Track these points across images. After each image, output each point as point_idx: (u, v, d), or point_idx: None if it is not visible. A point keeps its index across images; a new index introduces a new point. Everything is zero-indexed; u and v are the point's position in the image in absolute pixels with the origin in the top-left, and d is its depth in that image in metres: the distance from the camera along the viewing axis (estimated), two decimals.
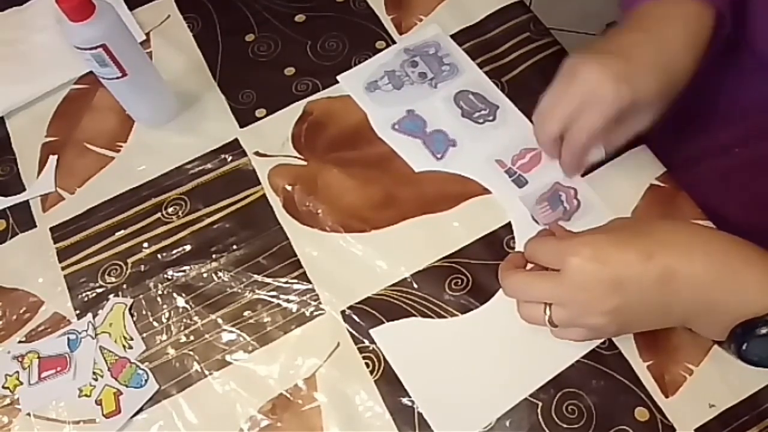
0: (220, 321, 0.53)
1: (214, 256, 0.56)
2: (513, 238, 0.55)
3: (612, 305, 0.42)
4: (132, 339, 0.53)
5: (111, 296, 0.55)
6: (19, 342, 0.54)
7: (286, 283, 0.54)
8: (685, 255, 0.41)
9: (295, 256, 0.55)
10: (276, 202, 0.58)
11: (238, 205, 0.58)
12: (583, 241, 0.43)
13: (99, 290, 0.55)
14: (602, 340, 0.50)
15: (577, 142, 0.51)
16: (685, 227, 0.44)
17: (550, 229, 0.52)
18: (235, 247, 0.56)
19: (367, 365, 0.51)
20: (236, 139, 0.62)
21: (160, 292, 0.55)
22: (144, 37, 0.68)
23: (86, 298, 0.55)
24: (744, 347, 0.40)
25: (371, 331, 0.51)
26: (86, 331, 0.53)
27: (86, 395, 0.51)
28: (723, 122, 0.60)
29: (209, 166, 0.61)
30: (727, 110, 0.60)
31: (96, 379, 0.51)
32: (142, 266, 0.56)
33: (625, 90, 0.47)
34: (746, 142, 0.58)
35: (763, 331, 0.39)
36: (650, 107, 0.50)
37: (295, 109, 0.63)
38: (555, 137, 0.52)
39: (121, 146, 0.63)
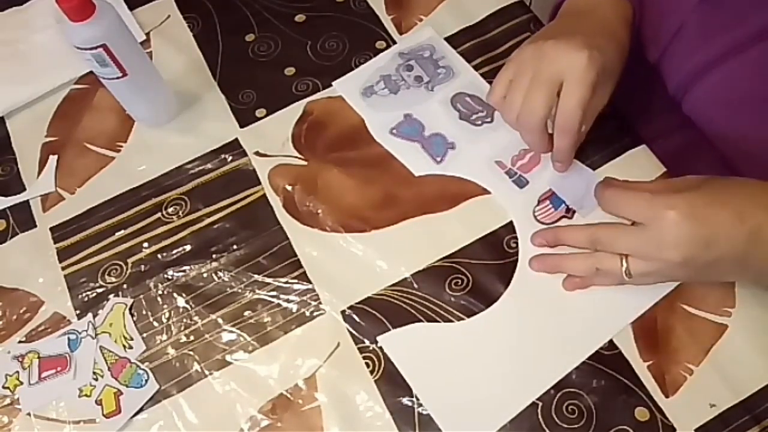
0: (220, 321, 0.53)
1: (214, 256, 0.56)
2: (513, 238, 0.55)
3: (699, 263, 0.42)
4: (132, 339, 0.53)
5: (111, 296, 0.55)
6: (19, 342, 0.54)
7: (286, 283, 0.54)
8: None
9: (295, 256, 0.55)
10: (276, 202, 0.58)
11: (238, 205, 0.58)
12: (676, 198, 0.43)
13: (99, 290, 0.55)
14: (605, 342, 0.50)
15: (571, 119, 0.49)
16: (763, 186, 0.45)
17: (608, 183, 0.49)
18: (235, 247, 0.56)
19: (368, 365, 0.51)
20: (236, 139, 0.62)
21: (160, 292, 0.55)
22: (144, 37, 0.68)
23: (86, 298, 0.55)
24: None
25: (378, 338, 0.51)
26: (86, 331, 0.53)
27: (86, 395, 0.51)
28: (641, 119, 0.61)
29: (209, 166, 0.61)
30: (641, 108, 0.62)
31: (96, 379, 0.51)
32: (142, 266, 0.56)
33: (596, 54, 0.48)
34: (665, 136, 0.59)
35: None
36: (612, 75, 0.51)
37: (295, 109, 0.63)
38: (545, 123, 0.51)
39: (121, 146, 0.63)
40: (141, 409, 0.50)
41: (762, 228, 0.42)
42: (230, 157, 0.61)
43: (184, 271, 0.56)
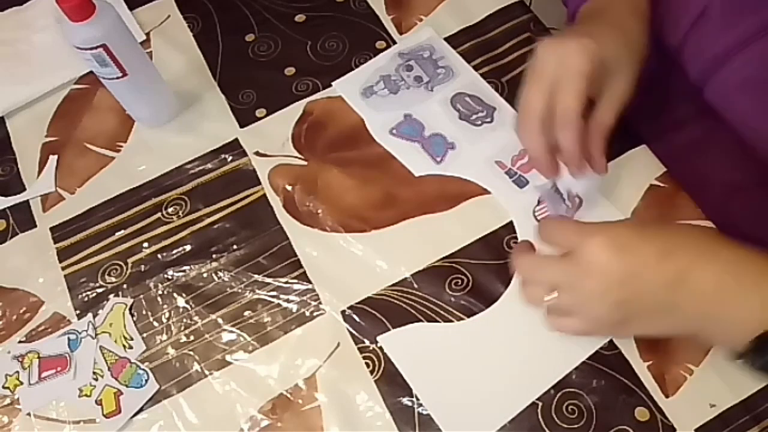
0: (220, 321, 0.53)
1: (214, 256, 0.56)
2: (513, 238, 0.55)
3: (619, 297, 0.41)
4: (132, 339, 0.53)
5: (111, 296, 0.55)
6: (20, 342, 0.54)
7: (286, 283, 0.54)
8: (700, 262, 0.41)
9: (295, 256, 0.55)
10: (276, 202, 0.58)
11: (238, 205, 0.58)
12: (604, 227, 0.43)
13: (99, 290, 0.55)
14: (605, 341, 0.50)
15: (568, 112, 0.47)
16: (708, 235, 0.44)
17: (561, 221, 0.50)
18: (235, 247, 0.56)
19: (368, 365, 0.51)
20: (236, 139, 0.62)
21: (160, 292, 0.55)
22: (144, 37, 0.68)
23: (86, 298, 0.55)
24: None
25: (378, 338, 0.51)
26: (86, 331, 0.53)
27: (86, 395, 0.51)
28: (644, 118, 0.60)
29: (209, 166, 0.61)
30: (658, 98, 0.61)
31: (96, 379, 0.51)
32: (142, 266, 0.56)
33: (588, 42, 0.47)
34: (670, 134, 0.59)
35: None
36: (621, 69, 0.49)
37: (295, 109, 0.63)
38: (538, 120, 0.48)
39: (121, 146, 0.63)
40: (141, 409, 0.50)
41: (687, 272, 0.41)
42: (230, 157, 0.61)
43: (184, 271, 0.56)
